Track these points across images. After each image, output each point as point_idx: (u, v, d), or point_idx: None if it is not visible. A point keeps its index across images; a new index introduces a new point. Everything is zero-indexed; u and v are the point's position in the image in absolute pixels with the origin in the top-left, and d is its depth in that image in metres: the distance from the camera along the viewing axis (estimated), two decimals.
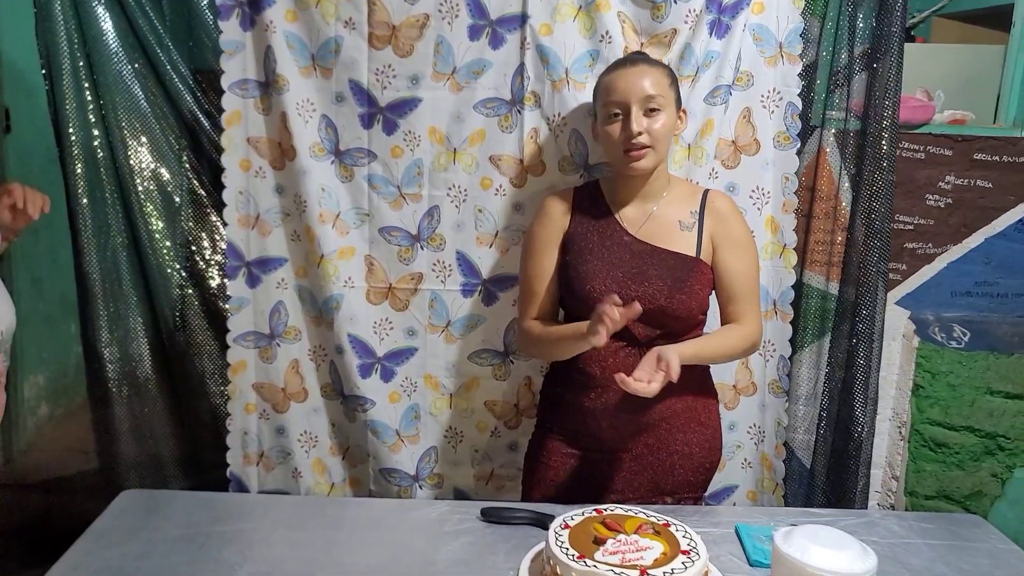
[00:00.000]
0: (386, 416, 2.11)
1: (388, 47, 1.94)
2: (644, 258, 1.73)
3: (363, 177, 2.02)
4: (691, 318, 1.74)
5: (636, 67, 1.71)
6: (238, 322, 2.09)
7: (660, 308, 1.68)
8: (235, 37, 1.95)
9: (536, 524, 1.60)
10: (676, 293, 1.69)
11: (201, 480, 2.16)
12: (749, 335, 1.77)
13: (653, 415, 1.75)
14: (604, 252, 1.75)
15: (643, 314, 1.68)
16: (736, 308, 1.77)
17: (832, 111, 2.07)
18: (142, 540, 1.51)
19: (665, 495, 1.80)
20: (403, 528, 1.59)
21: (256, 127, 2.01)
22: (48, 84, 1.94)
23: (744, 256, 1.78)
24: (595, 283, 1.72)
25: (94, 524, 1.55)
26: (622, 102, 1.69)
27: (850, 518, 1.69)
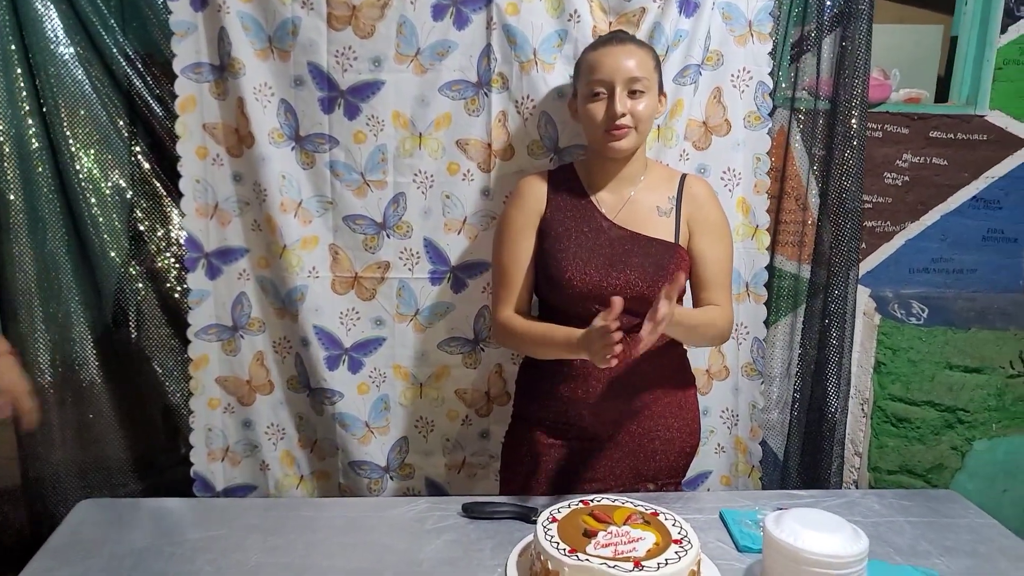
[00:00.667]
0: (355, 408, 2.05)
1: (348, 28, 1.86)
2: (623, 244, 1.70)
3: (325, 164, 1.94)
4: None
5: (624, 46, 1.67)
6: (199, 315, 2.00)
7: (641, 295, 1.65)
8: (186, 18, 1.86)
9: (520, 518, 1.56)
10: (657, 280, 1.66)
11: (158, 483, 2.08)
12: (725, 317, 1.74)
13: (634, 401, 1.73)
14: (582, 238, 1.71)
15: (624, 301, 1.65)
16: (709, 295, 1.73)
17: (798, 91, 2.06)
18: (105, 555, 1.42)
19: (647, 481, 1.78)
20: (383, 528, 1.54)
21: (212, 113, 1.91)
22: None
23: (720, 243, 1.75)
24: (574, 270, 1.68)
25: (51, 539, 1.46)
26: (607, 81, 1.65)
27: (831, 499, 1.69)
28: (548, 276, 1.72)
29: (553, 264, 1.70)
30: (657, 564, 1.27)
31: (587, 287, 1.67)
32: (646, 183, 1.76)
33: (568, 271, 1.68)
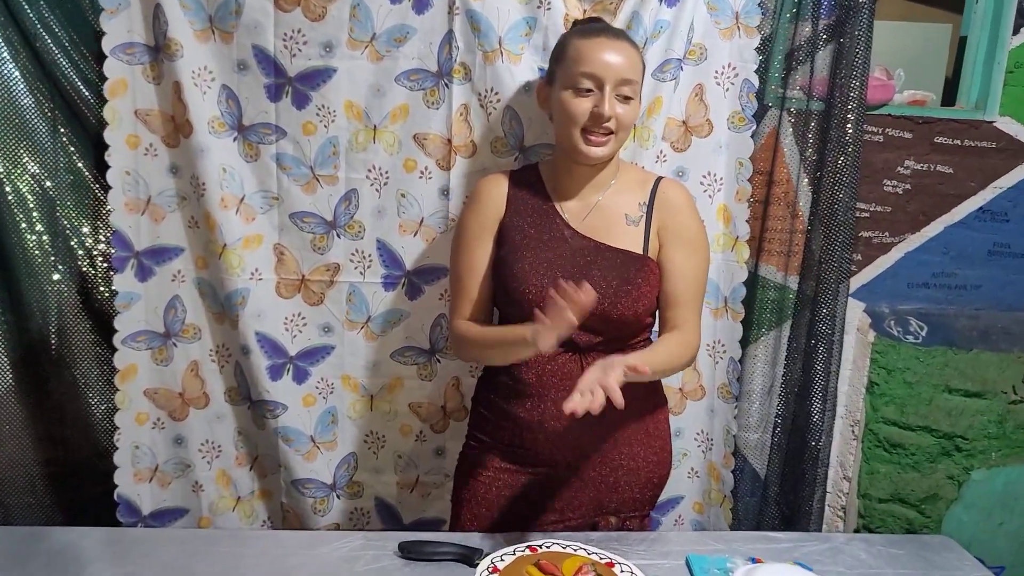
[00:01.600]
0: (299, 421, 1.90)
1: (297, 9, 1.71)
2: (586, 255, 1.54)
3: (271, 156, 1.79)
4: (637, 322, 1.55)
5: (619, 42, 1.52)
6: (127, 321, 1.85)
7: (603, 312, 1.49)
8: None
9: (462, 560, 1.40)
10: (621, 296, 1.51)
11: (78, 503, 1.92)
12: (691, 344, 1.57)
13: (596, 427, 1.56)
14: (541, 247, 1.55)
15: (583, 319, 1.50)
16: (677, 313, 1.57)
17: (790, 90, 1.91)
18: None
19: (609, 515, 1.62)
20: (310, 567, 1.38)
21: (145, 98, 1.76)
22: None
23: (694, 255, 1.59)
24: (530, 282, 1.52)
25: None
26: (597, 76, 1.48)
27: (812, 543, 1.54)
28: (504, 287, 1.56)
29: (509, 275, 1.54)
30: None
31: (544, 301, 1.51)
32: (616, 187, 1.60)
33: (523, 285, 1.52)
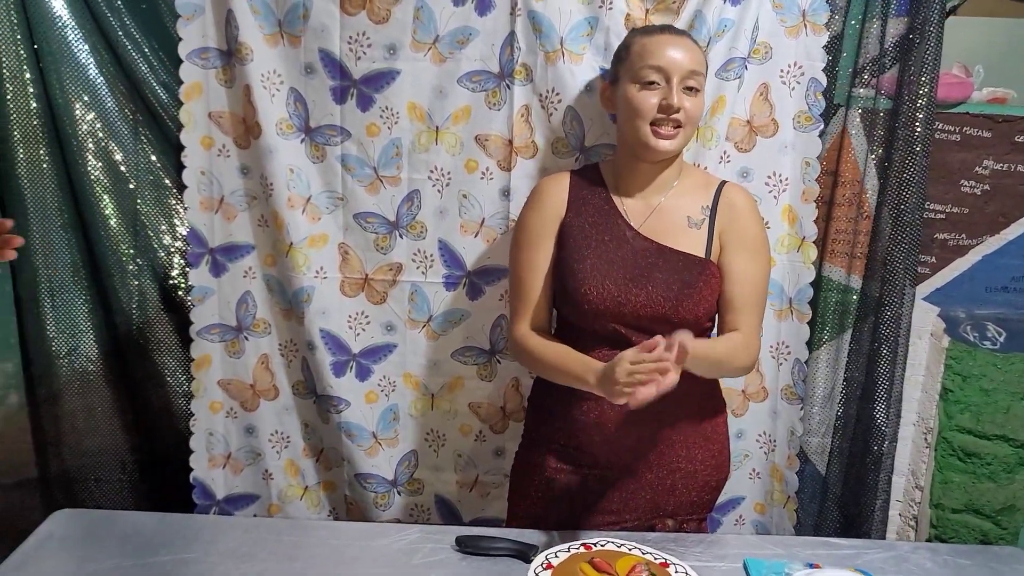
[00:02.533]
0: (362, 417, 1.94)
1: (362, 12, 1.74)
2: (647, 257, 1.53)
3: (336, 157, 1.83)
4: (697, 326, 1.54)
5: (682, 39, 1.54)
6: (202, 314, 1.91)
7: (663, 316, 1.48)
8: (193, 0, 1.76)
9: (517, 556, 1.41)
10: (682, 299, 1.50)
11: (161, 484, 2.01)
12: (749, 348, 1.55)
13: (655, 429, 1.56)
14: (603, 248, 1.55)
15: (643, 321, 1.50)
16: (736, 318, 1.55)
17: (859, 88, 1.86)
18: (69, 573, 1.33)
19: (666, 517, 1.61)
20: (367, 559, 1.41)
21: (219, 101, 1.82)
22: None
23: (755, 260, 1.57)
24: (591, 284, 1.52)
25: (15, 553, 1.38)
26: (664, 69, 1.50)
27: (875, 551, 1.50)
28: (564, 288, 1.56)
29: (569, 275, 1.54)
30: None
31: (604, 303, 1.51)
32: (678, 189, 1.59)
33: (585, 284, 1.52)
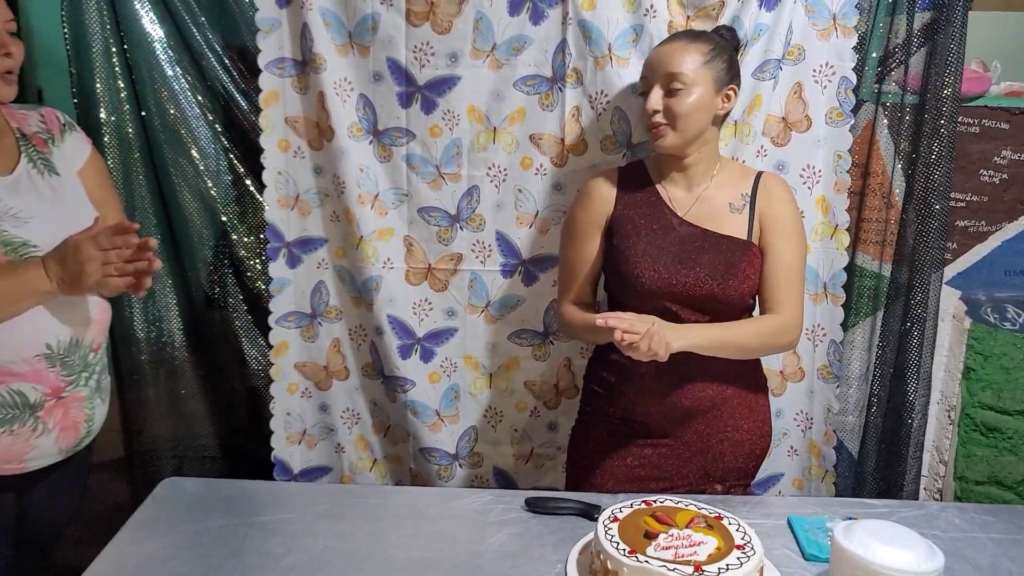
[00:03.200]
0: (426, 396, 2.10)
1: (426, 24, 1.89)
2: (693, 241, 1.68)
3: (401, 157, 1.98)
4: (742, 303, 1.69)
5: (672, 44, 1.66)
6: (280, 303, 2.08)
7: (711, 294, 1.63)
8: (271, 15, 1.91)
9: (582, 515, 1.56)
10: (728, 279, 1.64)
11: (240, 462, 2.17)
12: (786, 326, 1.68)
13: (703, 400, 1.71)
14: (652, 236, 1.70)
15: (692, 299, 1.64)
16: (775, 296, 1.68)
17: (885, 84, 1.99)
18: (184, 531, 1.49)
19: (715, 482, 1.76)
20: (446, 518, 1.56)
21: (294, 106, 1.97)
22: (74, 65, 1.92)
23: (792, 242, 1.70)
24: (643, 268, 1.67)
25: (135, 515, 1.54)
26: (647, 76, 1.66)
27: (907, 510, 1.63)
28: (617, 274, 1.71)
29: (622, 261, 1.69)
30: (718, 569, 1.25)
31: (656, 284, 1.66)
32: (719, 180, 1.73)
33: (637, 268, 1.67)
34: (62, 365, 1.47)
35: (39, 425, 1.46)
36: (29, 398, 1.44)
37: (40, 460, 1.50)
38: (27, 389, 1.43)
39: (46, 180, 1.52)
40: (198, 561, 1.40)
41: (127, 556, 1.41)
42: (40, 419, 1.46)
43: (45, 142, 1.57)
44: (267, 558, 1.42)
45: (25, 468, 1.48)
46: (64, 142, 1.60)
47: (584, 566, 1.38)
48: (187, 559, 1.40)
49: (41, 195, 1.49)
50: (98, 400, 1.58)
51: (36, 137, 1.56)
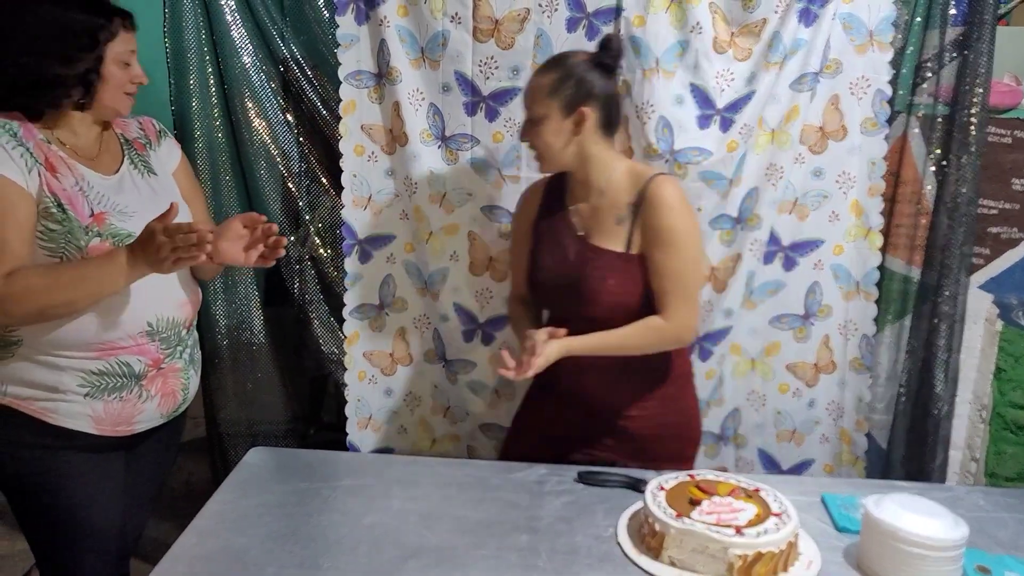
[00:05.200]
0: (485, 376, 2.27)
1: (491, 40, 2.05)
2: (580, 254, 1.78)
3: (467, 160, 2.15)
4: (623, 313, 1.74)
5: (528, 82, 1.78)
6: (352, 296, 2.26)
7: (592, 302, 1.74)
8: (350, 31, 2.09)
9: (630, 487, 1.70)
10: (602, 293, 1.74)
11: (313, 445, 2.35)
12: (664, 329, 1.73)
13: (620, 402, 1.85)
14: (553, 247, 1.84)
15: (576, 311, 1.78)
16: (660, 302, 1.73)
17: (918, 96, 2.11)
18: (275, 492, 1.67)
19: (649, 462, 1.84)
20: (507, 487, 1.72)
21: (369, 115, 2.15)
22: (173, 78, 2.12)
23: (666, 250, 1.71)
24: (541, 278, 1.86)
25: (230, 477, 1.72)
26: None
27: (935, 492, 1.73)
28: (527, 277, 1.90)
29: (532, 270, 1.88)
30: (757, 532, 1.39)
31: (549, 295, 1.87)
32: (611, 191, 1.77)
33: (536, 279, 1.87)
34: (161, 340, 1.66)
35: (143, 392, 1.65)
36: (134, 368, 1.63)
37: (145, 423, 1.69)
38: (132, 361, 1.62)
39: (145, 180, 1.71)
40: (288, 518, 1.57)
41: (227, 511, 1.59)
42: (144, 387, 1.65)
43: (144, 146, 1.76)
44: (349, 516, 1.58)
45: (133, 430, 1.68)
46: (160, 147, 1.80)
47: (633, 530, 1.53)
48: (278, 516, 1.58)
49: (141, 193, 1.68)
50: (192, 371, 1.77)
51: (136, 142, 1.75)
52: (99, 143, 1.67)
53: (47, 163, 1.54)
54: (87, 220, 1.55)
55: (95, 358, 1.59)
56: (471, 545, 1.49)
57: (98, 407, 1.61)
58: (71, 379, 1.58)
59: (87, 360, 1.58)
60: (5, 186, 1.48)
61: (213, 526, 1.54)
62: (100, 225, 1.56)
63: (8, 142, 1.51)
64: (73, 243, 1.53)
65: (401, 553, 1.45)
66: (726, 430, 2.29)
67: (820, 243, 2.18)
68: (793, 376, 2.26)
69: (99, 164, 1.63)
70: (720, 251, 2.15)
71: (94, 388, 1.60)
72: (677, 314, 1.73)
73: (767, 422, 2.30)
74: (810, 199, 2.16)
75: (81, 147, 1.62)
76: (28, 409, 1.58)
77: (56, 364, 1.57)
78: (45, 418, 1.58)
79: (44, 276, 1.50)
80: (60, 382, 1.58)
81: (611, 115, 1.75)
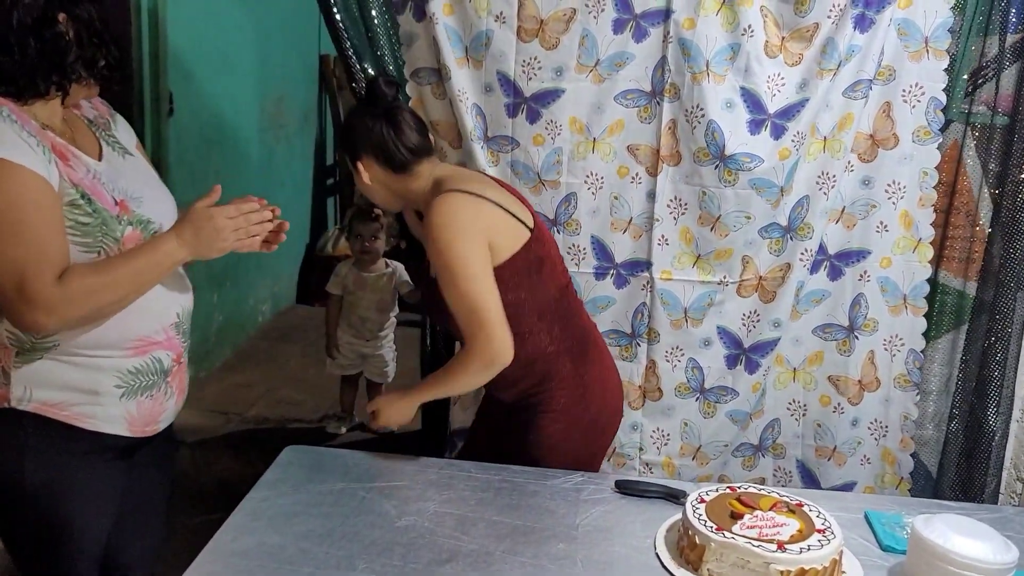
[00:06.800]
0: None
1: (535, 40, 2.03)
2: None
3: (507, 163, 2.13)
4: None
5: None
6: None
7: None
8: (409, 29, 2.09)
9: (668, 498, 1.67)
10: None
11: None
12: (468, 359, 1.68)
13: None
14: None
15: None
16: (459, 330, 1.69)
17: (974, 105, 2.05)
18: (310, 491, 1.66)
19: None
20: (544, 494, 1.70)
21: (435, 111, 2.14)
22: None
23: (443, 277, 1.67)
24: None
25: (265, 475, 1.72)
26: None
27: (982, 512, 1.69)
28: None
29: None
30: (799, 549, 1.36)
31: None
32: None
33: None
34: (182, 333, 1.58)
35: (168, 389, 1.55)
36: (164, 364, 1.53)
37: (166, 421, 1.60)
38: (163, 356, 1.52)
39: (126, 161, 1.55)
40: (323, 518, 1.56)
41: (262, 509, 1.58)
42: (168, 383, 1.55)
43: (107, 125, 1.58)
44: (384, 518, 1.57)
45: (156, 430, 1.58)
46: (117, 125, 1.62)
47: (672, 542, 1.50)
48: (313, 515, 1.57)
49: (131, 175, 1.52)
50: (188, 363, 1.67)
51: (99, 121, 1.57)
52: (68, 126, 1.48)
53: (56, 151, 1.37)
54: (115, 209, 1.43)
55: (131, 356, 1.48)
56: (507, 551, 1.47)
57: (132, 408, 1.49)
58: (108, 380, 1.46)
59: (123, 359, 1.47)
60: (33, 180, 1.31)
61: (249, 523, 1.53)
62: (128, 213, 1.45)
63: (20, 131, 1.32)
64: (109, 235, 1.41)
65: (436, 556, 1.44)
66: (764, 440, 2.25)
67: (867, 254, 2.14)
68: (835, 390, 2.22)
69: (84, 149, 1.47)
70: (769, 260, 2.12)
71: (129, 388, 1.48)
72: (473, 341, 1.65)
73: (807, 433, 2.25)
74: (858, 208, 2.12)
75: (60, 132, 1.44)
76: (59, 416, 1.43)
77: (94, 365, 1.44)
78: (80, 423, 1.45)
79: (100, 274, 1.38)
80: (99, 384, 1.45)
81: (390, 154, 1.73)
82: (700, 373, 2.19)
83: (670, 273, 2.14)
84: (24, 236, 1.31)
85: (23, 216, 1.31)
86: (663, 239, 2.12)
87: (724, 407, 2.22)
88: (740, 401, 2.21)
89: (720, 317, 2.16)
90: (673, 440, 2.25)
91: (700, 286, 2.13)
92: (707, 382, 2.20)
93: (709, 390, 2.21)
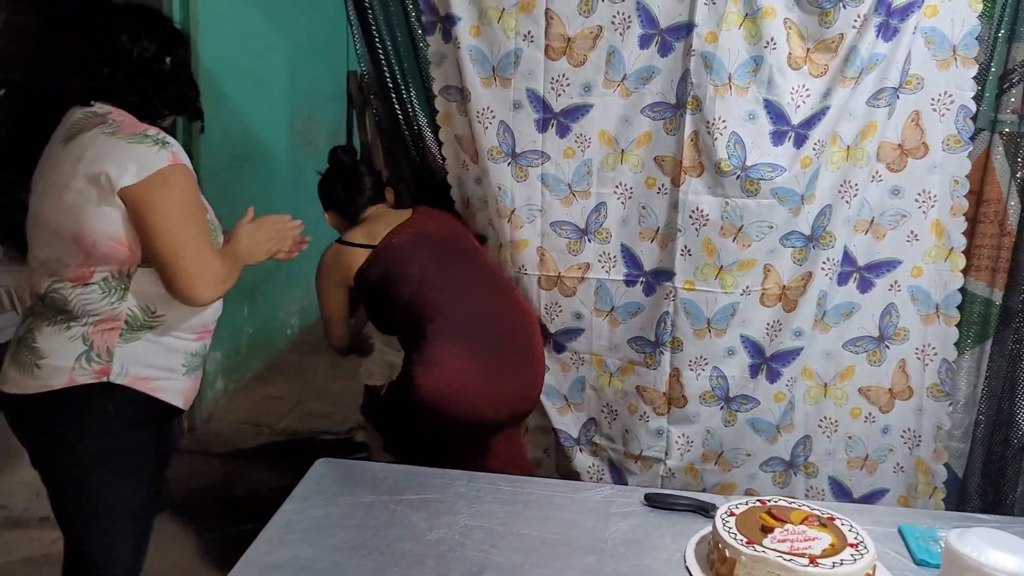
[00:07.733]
0: (556, 382, 2.32)
1: (563, 58, 2.07)
2: None
3: (537, 177, 2.17)
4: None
5: None
6: None
7: None
8: (438, 49, 2.16)
9: (698, 511, 1.67)
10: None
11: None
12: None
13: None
14: None
15: None
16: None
17: (1002, 113, 2.04)
18: (341, 504, 1.68)
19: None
20: (572, 507, 1.70)
21: (461, 126, 2.22)
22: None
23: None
24: None
25: (297, 488, 1.74)
26: None
27: (1016, 525, 1.67)
28: None
29: None
30: (832, 563, 1.35)
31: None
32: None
33: None
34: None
35: (202, 371, 1.81)
36: (207, 348, 1.80)
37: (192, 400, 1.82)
38: (208, 341, 1.79)
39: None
40: (355, 530, 1.58)
41: (295, 521, 1.61)
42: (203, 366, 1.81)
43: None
44: (414, 531, 1.59)
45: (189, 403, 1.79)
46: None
47: (701, 556, 1.50)
48: (346, 527, 1.59)
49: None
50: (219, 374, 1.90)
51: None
52: None
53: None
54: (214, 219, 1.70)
55: (196, 340, 1.73)
56: (536, 564, 1.47)
57: (187, 384, 1.74)
58: (178, 359, 1.70)
59: (191, 342, 1.72)
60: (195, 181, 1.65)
61: (283, 535, 1.55)
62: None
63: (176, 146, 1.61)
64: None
65: (467, 569, 1.45)
66: (796, 457, 2.24)
67: (897, 263, 2.12)
68: (866, 400, 2.20)
69: None
70: (791, 269, 2.11)
71: (190, 367, 1.73)
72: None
73: (837, 448, 2.24)
74: (887, 218, 2.11)
75: None
76: (145, 388, 1.66)
77: (172, 346, 1.69)
78: (157, 395, 1.68)
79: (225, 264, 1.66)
80: (173, 362, 1.70)
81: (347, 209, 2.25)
82: (725, 382, 2.19)
83: (693, 283, 2.14)
84: (199, 224, 1.63)
85: (196, 210, 1.63)
86: (686, 249, 2.13)
87: (744, 415, 2.21)
88: (762, 410, 2.20)
89: (744, 327, 2.16)
90: (695, 447, 2.26)
91: (723, 297, 2.13)
92: (731, 391, 2.20)
93: (733, 399, 2.21)
